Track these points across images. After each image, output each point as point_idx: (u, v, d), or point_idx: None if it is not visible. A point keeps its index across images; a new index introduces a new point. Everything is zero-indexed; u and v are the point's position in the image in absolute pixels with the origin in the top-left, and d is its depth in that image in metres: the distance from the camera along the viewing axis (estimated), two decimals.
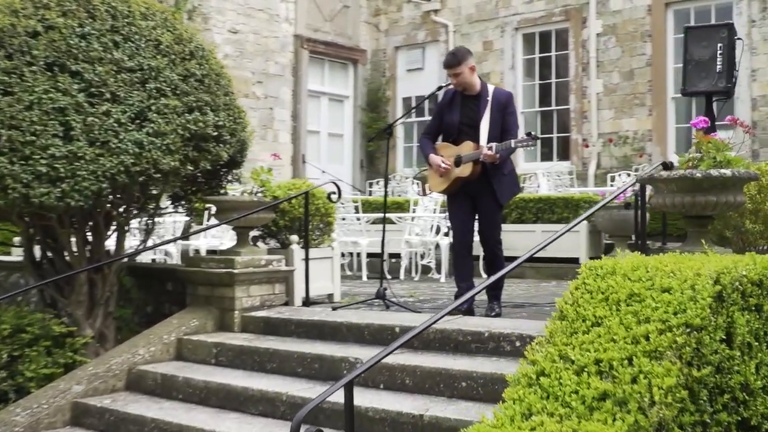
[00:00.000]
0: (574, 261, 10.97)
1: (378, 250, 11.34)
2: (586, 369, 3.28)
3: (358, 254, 11.34)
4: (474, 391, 5.13)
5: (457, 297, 6.85)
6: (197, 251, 10.20)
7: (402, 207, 12.64)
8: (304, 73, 18.05)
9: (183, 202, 8.03)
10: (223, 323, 7.09)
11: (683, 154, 5.08)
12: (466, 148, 6.70)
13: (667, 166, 5.76)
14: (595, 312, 3.54)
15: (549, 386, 3.26)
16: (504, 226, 11.51)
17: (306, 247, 7.42)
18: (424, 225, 11.23)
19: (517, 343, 5.52)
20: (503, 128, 6.66)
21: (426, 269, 11.31)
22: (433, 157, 6.86)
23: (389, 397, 5.23)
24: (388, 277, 7.35)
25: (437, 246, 11.15)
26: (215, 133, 6.87)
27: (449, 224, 11.04)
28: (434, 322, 4.23)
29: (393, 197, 15.04)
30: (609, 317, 3.49)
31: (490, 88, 6.79)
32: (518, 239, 11.17)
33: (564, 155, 17.00)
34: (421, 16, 18.94)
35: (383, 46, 19.58)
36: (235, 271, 6.97)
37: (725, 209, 4.90)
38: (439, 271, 11.04)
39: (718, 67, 6.69)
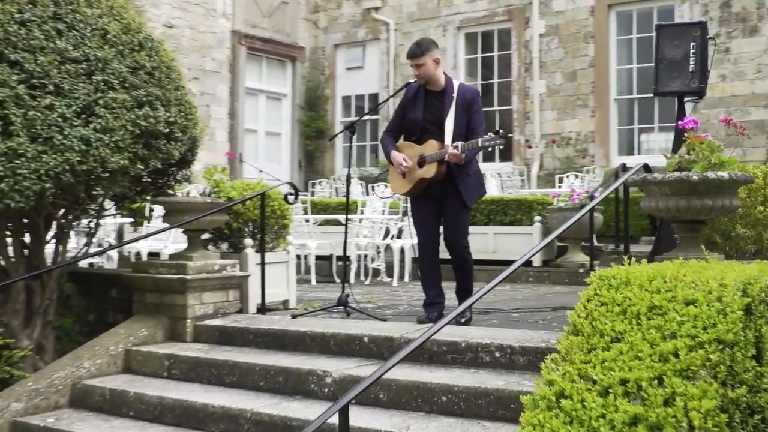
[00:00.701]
0: (527, 263, 10.75)
1: (326, 253, 11.01)
2: (611, 390, 2.98)
3: (306, 257, 10.95)
4: (455, 406, 4.81)
5: (425, 305, 6.57)
6: (138, 254, 9.68)
7: (349, 208, 12.25)
8: (241, 69, 17.57)
9: (126, 203, 7.56)
10: (174, 333, 6.64)
11: (673, 155, 4.84)
12: (430, 147, 6.37)
13: (649, 168, 5.55)
14: (614, 326, 3.25)
15: (572, 410, 2.96)
16: None
17: (262, 251, 7.02)
18: (373, 227, 10.89)
19: (497, 354, 5.23)
20: (469, 127, 6.34)
21: (376, 272, 10.98)
22: (395, 154, 6.50)
23: (365, 414, 4.86)
24: (348, 281, 6.99)
25: (387, 248, 10.83)
26: (166, 130, 6.42)
27: (402, 225, 10.85)
28: (433, 334, 3.88)
29: (338, 198, 14.69)
30: (630, 332, 3.20)
31: (456, 83, 6.46)
32: (470, 242, 10.90)
33: (506, 156, 16.84)
34: (361, 14, 18.62)
35: (322, 43, 19.20)
36: (188, 277, 6.53)
37: (721, 213, 4.69)
38: (390, 274, 10.71)
39: (691, 66, 6.49)
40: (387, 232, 11.11)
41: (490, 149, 6.19)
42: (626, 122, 15.85)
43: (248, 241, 7.12)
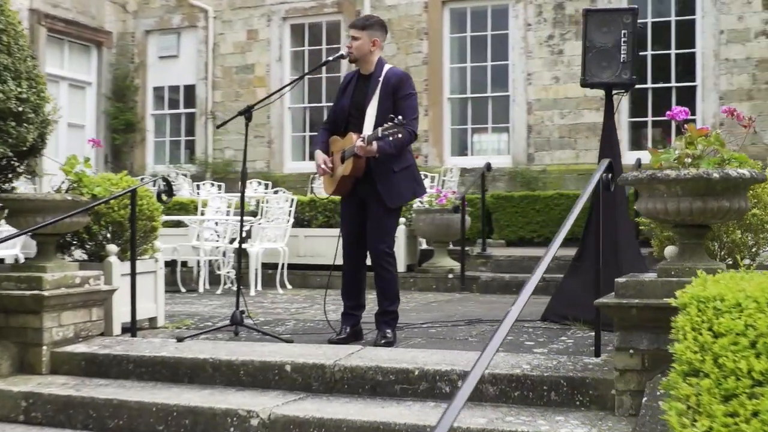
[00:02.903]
0: None
1: (168, 258, 9.72)
2: None
3: None
4: None
5: (342, 315, 5.74)
6: None
7: (185, 208, 11.03)
8: (41, 53, 15.64)
9: None
10: (25, 363, 5.30)
11: (668, 150, 4.20)
12: (349, 140, 5.55)
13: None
14: (750, 365, 2.50)
15: None
16: (310, 231, 10.42)
17: (132, 259, 5.80)
18: (222, 230, 9.75)
19: (460, 383, 4.36)
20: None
21: (217, 279, 9.73)
22: (317, 154, 5.78)
23: None
24: (242, 294, 5.87)
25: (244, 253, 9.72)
26: (18, 109, 5.12)
27: (260, 226, 9.76)
28: (491, 359, 3.00)
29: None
30: None
31: (386, 67, 5.66)
32: (327, 245, 10.03)
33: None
34: None
35: (131, 29, 17.56)
36: (45, 293, 5.22)
37: (735, 216, 4.10)
38: (242, 283, 9.57)
39: (622, 56, 5.96)
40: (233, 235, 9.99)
41: (391, 138, 5.33)
42: (459, 122, 15.49)
43: (112, 248, 5.88)
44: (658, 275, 4.08)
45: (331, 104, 6.02)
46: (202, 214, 10.23)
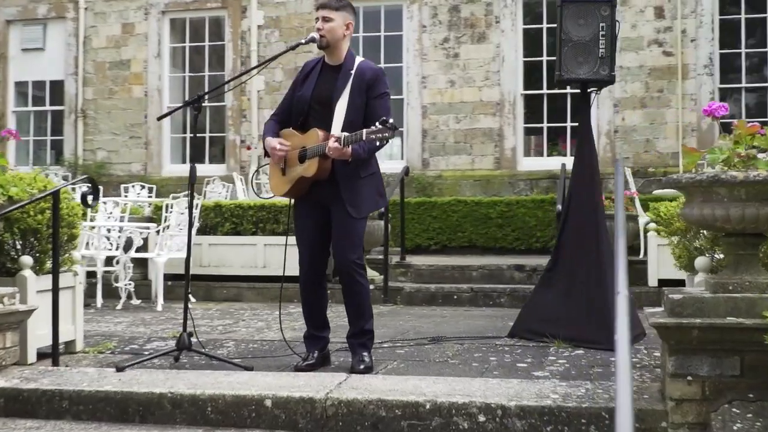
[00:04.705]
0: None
1: None
2: None
3: None
4: None
5: (306, 338, 5.09)
6: None
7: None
8: None
9: None
10: None
11: (713, 149, 3.75)
12: (313, 137, 4.85)
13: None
14: None
15: None
16: (216, 239, 9.55)
17: (55, 273, 4.87)
18: (115, 237, 8.78)
19: (481, 418, 3.80)
20: (367, 115, 4.84)
21: (111, 292, 8.70)
22: (269, 139, 5.02)
23: None
24: (189, 313, 4.99)
25: (144, 263, 8.78)
26: None
27: (160, 233, 8.83)
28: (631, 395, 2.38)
29: None
30: None
31: (357, 60, 4.98)
32: (235, 254, 9.27)
33: (220, 158, 15.19)
34: None
35: None
36: None
37: None
38: (141, 296, 8.64)
39: (601, 51, 5.51)
40: (130, 243, 9.01)
41: (378, 144, 4.71)
42: None
43: (27, 260, 4.95)
44: (713, 291, 3.62)
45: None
46: (92, 219, 9.23)
